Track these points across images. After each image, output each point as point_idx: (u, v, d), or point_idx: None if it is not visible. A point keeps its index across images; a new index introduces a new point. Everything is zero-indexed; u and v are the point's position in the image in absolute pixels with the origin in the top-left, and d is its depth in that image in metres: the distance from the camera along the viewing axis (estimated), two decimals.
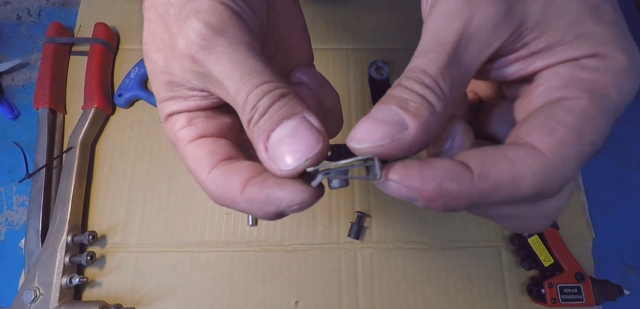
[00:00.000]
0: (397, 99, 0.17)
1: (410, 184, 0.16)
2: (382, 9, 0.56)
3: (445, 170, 0.16)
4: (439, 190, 0.16)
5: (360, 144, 0.17)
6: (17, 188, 0.49)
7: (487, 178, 0.16)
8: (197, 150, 0.20)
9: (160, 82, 0.20)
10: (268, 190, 0.17)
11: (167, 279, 0.45)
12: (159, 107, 0.22)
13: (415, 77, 0.17)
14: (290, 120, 0.17)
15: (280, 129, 0.17)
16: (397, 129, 0.16)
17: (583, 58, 0.17)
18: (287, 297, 0.44)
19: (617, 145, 0.52)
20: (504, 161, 0.16)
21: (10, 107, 0.51)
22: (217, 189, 0.19)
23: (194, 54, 0.18)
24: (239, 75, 0.18)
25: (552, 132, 0.16)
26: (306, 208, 0.18)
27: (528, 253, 0.44)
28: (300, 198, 0.17)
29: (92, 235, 0.43)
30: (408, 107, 0.16)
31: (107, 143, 0.50)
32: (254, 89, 0.18)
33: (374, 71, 0.50)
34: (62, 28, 0.52)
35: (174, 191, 0.48)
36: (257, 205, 0.18)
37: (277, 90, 0.18)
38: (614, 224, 0.48)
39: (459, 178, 0.16)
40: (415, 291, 0.45)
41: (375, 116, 0.17)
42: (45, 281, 0.41)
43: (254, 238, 0.46)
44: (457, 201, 0.16)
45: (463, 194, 0.16)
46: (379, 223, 0.47)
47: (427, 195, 0.16)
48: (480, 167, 0.16)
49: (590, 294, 0.41)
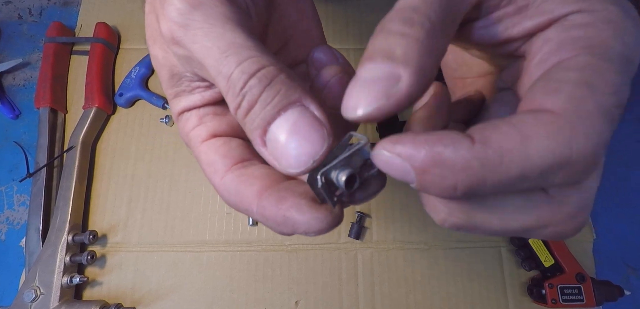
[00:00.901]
0: (382, 50, 0.15)
1: (402, 150, 0.14)
2: (383, 8, 0.56)
3: (440, 135, 0.14)
4: (432, 155, 0.13)
5: (354, 112, 0.15)
6: (18, 188, 0.49)
7: (488, 143, 0.13)
8: (210, 153, 0.20)
9: (164, 77, 0.20)
10: (285, 212, 0.16)
11: (168, 279, 0.45)
12: (170, 105, 0.21)
13: (402, 15, 0.16)
14: (289, 111, 0.16)
15: (279, 123, 0.16)
16: (390, 83, 0.14)
17: (571, 15, 0.16)
18: (288, 297, 0.44)
19: (618, 145, 0.52)
20: (508, 126, 0.14)
21: (12, 107, 0.51)
22: (231, 197, 0.18)
23: (174, 34, 0.17)
24: (217, 52, 0.16)
25: (557, 90, 0.14)
26: (326, 232, 0.16)
27: (528, 253, 0.44)
28: (318, 226, 0.16)
29: (92, 234, 0.43)
30: (396, 55, 0.15)
31: (108, 143, 0.50)
32: (235, 68, 0.16)
33: None
34: (63, 27, 0.52)
35: (175, 191, 0.48)
36: (273, 223, 0.17)
37: (265, 70, 0.16)
38: (614, 225, 0.48)
39: (455, 142, 0.13)
40: (415, 292, 0.45)
41: (364, 77, 0.15)
42: (45, 280, 0.41)
43: (254, 238, 0.46)
44: (456, 175, 0.13)
45: (461, 163, 0.13)
46: (380, 223, 0.47)
47: (419, 162, 0.13)
48: (481, 133, 0.14)
49: (590, 294, 0.41)
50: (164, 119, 0.50)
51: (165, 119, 0.50)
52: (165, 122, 0.50)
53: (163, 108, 0.51)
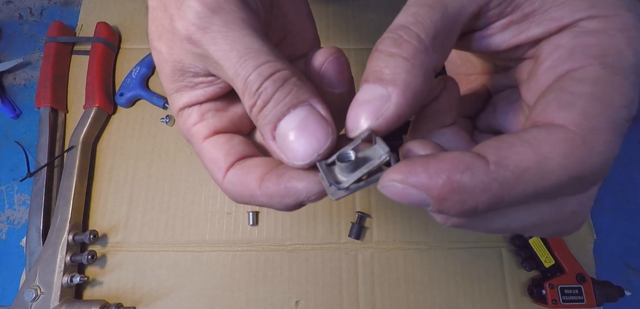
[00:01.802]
0: (373, 72, 0.16)
1: (416, 181, 0.14)
2: (384, 8, 0.56)
3: (454, 160, 0.13)
4: (451, 183, 0.13)
5: (352, 133, 0.17)
6: (18, 187, 0.49)
7: (505, 164, 0.13)
8: (213, 151, 0.20)
9: (167, 72, 0.20)
10: (286, 183, 0.17)
11: (168, 279, 0.45)
12: (169, 100, 0.22)
13: (391, 34, 0.16)
14: (298, 109, 0.17)
15: (288, 119, 0.17)
16: (381, 104, 0.16)
17: (583, 21, 0.15)
18: (288, 297, 0.44)
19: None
20: (523, 144, 0.14)
21: (12, 106, 0.51)
22: (235, 189, 0.19)
23: (191, 35, 0.18)
24: (235, 56, 0.17)
25: (571, 105, 0.14)
26: (324, 196, 0.17)
27: (529, 253, 0.44)
28: (318, 188, 0.17)
29: (93, 234, 0.43)
30: (384, 76, 0.16)
31: (108, 143, 0.50)
32: (253, 71, 0.17)
33: None
34: (63, 27, 0.52)
35: (175, 191, 0.48)
36: (277, 199, 0.18)
37: (279, 73, 0.17)
38: (615, 225, 0.48)
39: (472, 167, 0.13)
40: (416, 292, 0.45)
41: (359, 98, 0.17)
42: (46, 280, 0.41)
43: (254, 238, 0.46)
44: (476, 198, 0.13)
45: (480, 187, 0.13)
46: (380, 223, 0.47)
47: (437, 191, 0.13)
48: (496, 154, 0.13)
49: (591, 295, 0.41)
50: (165, 119, 0.50)
51: (166, 119, 0.50)
52: (166, 122, 0.50)
53: (163, 108, 0.51)
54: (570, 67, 0.15)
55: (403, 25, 0.16)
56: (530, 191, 0.13)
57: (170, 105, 0.22)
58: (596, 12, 0.15)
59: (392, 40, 0.16)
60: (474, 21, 0.18)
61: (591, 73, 0.14)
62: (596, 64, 0.14)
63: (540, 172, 0.13)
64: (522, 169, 0.13)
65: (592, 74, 0.14)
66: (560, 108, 0.14)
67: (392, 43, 0.16)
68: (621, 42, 0.14)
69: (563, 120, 0.14)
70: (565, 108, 0.14)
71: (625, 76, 0.14)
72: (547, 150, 0.13)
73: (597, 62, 0.14)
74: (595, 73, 0.14)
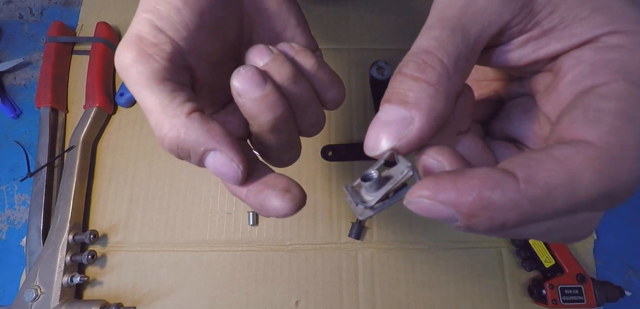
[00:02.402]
0: (397, 93, 0.16)
1: (445, 198, 0.13)
2: (384, 8, 0.56)
3: (483, 178, 0.13)
4: (480, 200, 0.13)
5: (373, 152, 0.17)
6: (18, 187, 0.49)
7: (535, 182, 0.13)
8: None
9: None
10: (261, 201, 0.20)
11: (168, 279, 0.45)
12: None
13: (415, 58, 0.16)
14: (209, 156, 0.20)
15: (207, 165, 0.20)
16: (403, 126, 0.16)
17: (604, 37, 0.15)
18: (288, 297, 0.44)
19: None
20: (552, 162, 0.13)
21: (12, 106, 0.51)
22: (230, 188, 0.22)
23: (120, 72, 0.21)
24: (148, 114, 0.20)
25: (598, 121, 0.14)
26: (292, 215, 0.20)
27: (529, 253, 0.44)
28: (290, 209, 0.20)
29: (93, 233, 0.43)
30: (408, 99, 0.16)
31: (109, 143, 0.50)
32: (164, 141, 0.20)
33: (375, 71, 0.50)
34: (64, 27, 0.52)
35: (175, 191, 0.48)
36: (257, 209, 0.21)
37: (183, 141, 0.19)
38: (615, 225, 0.48)
39: (501, 185, 0.13)
40: (416, 292, 0.45)
41: (381, 118, 0.17)
42: (46, 279, 0.41)
43: (254, 238, 0.46)
44: (505, 215, 0.13)
45: (510, 205, 0.13)
46: (380, 223, 0.47)
47: (467, 208, 0.13)
48: (526, 172, 0.13)
49: (591, 295, 0.41)
50: None
51: None
52: None
53: None
54: (593, 82, 0.15)
55: (426, 50, 0.16)
56: (561, 208, 0.13)
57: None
58: (617, 27, 0.15)
59: (415, 64, 0.16)
60: (494, 39, 0.18)
61: (616, 89, 0.14)
62: (620, 79, 0.15)
63: (572, 189, 0.13)
64: (552, 186, 0.13)
65: (617, 90, 0.14)
66: (587, 125, 0.14)
67: (416, 67, 0.16)
68: None
69: (591, 136, 0.14)
70: (592, 125, 0.14)
71: None
72: (578, 167, 0.13)
73: (621, 77, 0.15)
74: (620, 89, 0.14)
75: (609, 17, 0.15)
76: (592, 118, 0.14)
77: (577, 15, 0.16)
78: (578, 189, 0.13)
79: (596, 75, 0.15)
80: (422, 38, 0.17)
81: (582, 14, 0.16)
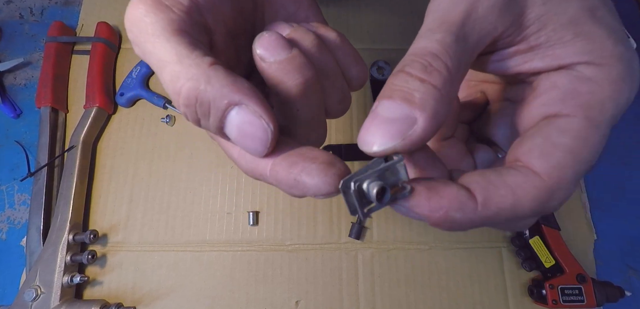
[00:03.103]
0: (401, 91, 0.16)
1: (420, 211, 0.17)
2: (384, 9, 0.56)
3: (451, 199, 0.16)
4: (446, 216, 0.16)
5: (371, 148, 0.17)
6: (18, 187, 0.49)
7: (490, 206, 0.16)
8: None
9: None
10: (296, 175, 0.17)
11: (168, 279, 0.45)
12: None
13: (420, 59, 0.17)
14: (232, 112, 0.17)
15: (228, 128, 0.17)
16: (407, 125, 0.16)
17: (580, 65, 0.17)
18: (288, 297, 0.44)
19: (619, 146, 0.52)
20: (505, 188, 0.17)
21: (13, 106, 0.52)
22: (247, 165, 0.19)
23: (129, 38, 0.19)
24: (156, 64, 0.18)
25: (549, 155, 0.17)
26: (334, 195, 0.17)
27: (529, 254, 0.44)
28: (326, 190, 0.17)
29: (93, 233, 0.43)
30: (414, 100, 0.16)
31: (109, 142, 0.50)
32: (179, 91, 0.17)
33: (375, 71, 0.50)
34: (64, 27, 0.52)
35: (175, 191, 0.48)
36: (285, 187, 0.18)
37: (202, 89, 0.17)
38: (615, 225, 0.48)
39: (464, 208, 0.16)
40: (416, 292, 0.45)
41: (382, 114, 0.16)
42: (46, 279, 0.41)
43: (255, 238, 0.46)
44: (462, 226, 0.17)
45: (467, 221, 0.17)
46: (380, 223, 0.47)
47: (434, 220, 0.17)
48: (484, 195, 0.16)
49: (591, 295, 0.41)
50: (165, 119, 0.50)
51: (166, 119, 0.50)
52: (166, 122, 0.50)
53: (164, 108, 0.51)
54: (559, 110, 0.17)
55: (432, 52, 0.17)
56: (503, 221, 0.17)
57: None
58: (593, 58, 0.17)
59: (421, 65, 0.17)
60: (487, 48, 0.19)
61: (574, 124, 0.17)
62: (580, 116, 0.17)
63: (513, 211, 0.17)
64: (500, 209, 0.16)
65: (574, 126, 0.17)
66: (540, 157, 0.17)
67: (422, 68, 0.16)
68: (607, 93, 0.17)
69: (539, 168, 0.17)
70: (543, 158, 0.17)
71: (600, 129, 0.17)
72: (522, 194, 0.16)
73: (582, 113, 0.17)
74: (578, 126, 0.17)
75: (589, 46, 0.17)
76: (545, 152, 0.17)
77: (561, 38, 0.17)
78: (519, 210, 0.16)
79: (563, 105, 0.17)
80: (426, 40, 0.17)
81: (565, 38, 0.17)
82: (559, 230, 0.45)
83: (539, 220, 0.44)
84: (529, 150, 0.17)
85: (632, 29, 0.52)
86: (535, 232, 0.44)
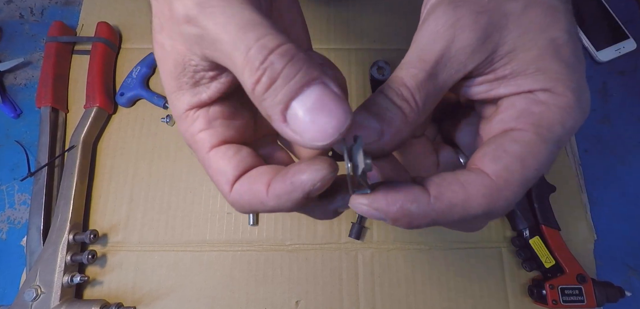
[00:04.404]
0: (378, 106, 0.19)
1: (378, 207, 0.18)
2: (384, 9, 0.56)
3: (406, 193, 0.18)
4: (402, 210, 0.18)
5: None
6: (19, 187, 0.49)
7: (442, 199, 0.18)
8: (220, 162, 0.20)
9: (168, 68, 0.19)
10: (291, 179, 0.17)
11: (168, 278, 0.45)
12: (171, 101, 0.21)
13: (396, 88, 0.19)
14: (311, 88, 0.16)
15: (302, 99, 0.16)
16: (373, 134, 0.19)
17: (538, 91, 0.19)
18: (288, 297, 0.44)
19: (619, 146, 0.52)
20: (457, 185, 0.18)
21: (13, 106, 0.52)
22: (243, 199, 0.19)
23: (189, 11, 0.17)
24: (234, 28, 0.16)
25: (499, 159, 0.18)
26: (330, 181, 0.18)
27: (529, 254, 0.44)
28: (322, 174, 0.17)
29: (93, 233, 0.43)
30: (385, 117, 0.19)
31: (109, 142, 0.50)
32: (255, 43, 0.16)
33: (375, 71, 0.50)
34: (64, 27, 0.52)
35: (175, 191, 0.48)
36: (285, 198, 0.18)
37: (285, 47, 0.16)
38: (615, 226, 0.48)
39: (418, 200, 0.18)
40: (416, 292, 0.45)
41: (359, 120, 0.19)
42: (46, 279, 0.41)
43: (255, 238, 0.46)
44: (419, 220, 0.18)
45: (422, 214, 0.18)
46: (380, 223, 0.47)
47: (392, 215, 0.18)
48: (437, 190, 0.18)
49: (591, 295, 0.41)
50: (165, 119, 0.50)
51: (166, 119, 0.50)
52: (166, 122, 0.50)
53: (164, 108, 0.51)
54: (514, 125, 0.19)
55: (406, 85, 0.19)
56: (456, 218, 0.18)
57: (172, 106, 0.21)
58: (550, 86, 0.19)
59: (396, 93, 0.19)
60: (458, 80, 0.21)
61: (524, 137, 0.19)
62: (531, 131, 0.19)
63: (465, 207, 0.18)
64: (453, 204, 0.18)
65: (524, 138, 0.19)
66: (492, 161, 0.19)
67: (396, 95, 0.19)
68: (556, 116, 0.19)
69: (490, 169, 0.18)
70: (495, 161, 0.18)
71: (547, 145, 0.18)
72: (473, 190, 0.18)
73: (533, 129, 0.19)
74: (527, 138, 0.19)
75: (548, 76, 0.19)
76: (496, 157, 0.19)
77: (525, 70, 0.19)
78: (470, 207, 0.18)
79: (518, 121, 0.19)
80: (403, 71, 0.20)
81: (528, 70, 0.19)
82: (559, 230, 0.45)
83: (539, 220, 0.44)
84: (483, 155, 0.19)
85: (632, 28, 0.52)
86: (535, 232, 0.44)
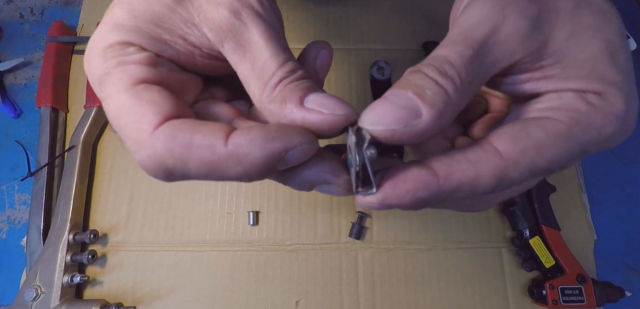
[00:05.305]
0: (414, 86, 0.17)
1: (389, 203, 0.17)
2: (384, 9, 0.56)
3: (414, 181, 0.17)
4: (414, 199, 0.17)
5: (373, 126, 0.17)
6: (19, 187, 0.49)
7: (451, 180, 0.17)
8: (145, 94, 0.17)
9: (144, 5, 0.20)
10: (274, 133, 0.16)
11: (168, 278, 0.45)
12: (102, 33, 0.19)
13: (438, 65, 0.17)
14: (318, 92, 0.18)
15: (315, 95, 0.18)
16: (411, 115, 0.16)
17: (589, 93, 0.18)
18: (288, 297, 0.44)
19: (619, 146, 0.52)
20: (466, 163, 0.17)
21: (13, 106, 0.52)
22: (173, 144, 0.15)
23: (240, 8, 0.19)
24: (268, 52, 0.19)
25: (519, 141, 0.17)
26: (312, 151, 0.17)
27: (529, 254, 0.44)
28: (309, 138, 0.17)
29: (93, 233, 0.43)
30: (425, 95, 0.16)
31: (109, 142, 0.50)
32: (286, 62, 0.19)
33: (375, 71, 0.50)
34: (64, 27, 0.52)
35: (176, 191, 0.48)
36: (254, 154, 0.15)
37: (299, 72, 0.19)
38: (615, 226, 0.48)
39: (427, 186, 0.17)
40: (416, 292, 0.45)
41: (390, 99, 0.17)
42: (46, 279, 0.41)
43: (255, 238, 0.46)
44: (427, 203, 0.18)
45: (433, 197, 0.17)
46: (380, 223, 0.47)
47: (405, 205, 0.17)
48: (446, 171, 0.17)
49: (591, 296, 0.41)
50: None
51: None
52: None
53: None
54: (551, 115, 0.18)
55: (449, 61, 0.17)
56: (463, 195, 0.18)
57: (99, 36, 0.19)
58: (603, 89, 0.18)
59: (437, 70, 0.17)
60: (503, 70, 0.19)
61: (555, 127, 0.17)
62: (565, 124, 0.17)
63: (474, 185, 0.17)
64: (462, 183, 0.17)
65: (554, 128, 0.17)
66: (510, 140, 0.17)
67: (437, 72, 0.17)
68: (598, 121, 0.17)
69: (503, 149, 0.17)
70: (512, 141, 0.17)
71: (572, 145, 0.17)
72: (482, 171, 0.17)
73: (568, 122, 0.17)
74: (556, 129, 0.17)
75: (602, 80, 0.18)
76: (517, 138, 0.17)
77: (578, 73, 0.18)
78: (479, 185, 0.17)
79: (557, 112, 0.18)
80: (446, 49, 0.18)
81: (581, 73, 0.18)
82: (559, 230, 0.45)
83: (539, 220, 0.44)
84: (504, 132, 0.18)
85: (632, 28, 0.52)
86: (535, 232, 0.44)
